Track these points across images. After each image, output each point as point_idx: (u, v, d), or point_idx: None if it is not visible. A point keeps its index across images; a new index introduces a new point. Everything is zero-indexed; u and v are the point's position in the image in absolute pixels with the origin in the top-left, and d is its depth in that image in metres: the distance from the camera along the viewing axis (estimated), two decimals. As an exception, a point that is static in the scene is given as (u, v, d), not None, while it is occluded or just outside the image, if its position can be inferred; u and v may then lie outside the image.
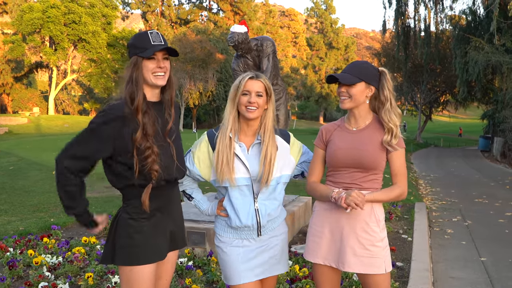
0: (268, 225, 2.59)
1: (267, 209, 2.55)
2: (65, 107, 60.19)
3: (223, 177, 2.49)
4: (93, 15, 46.21)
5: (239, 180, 2.51)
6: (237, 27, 5.74)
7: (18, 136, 31.39)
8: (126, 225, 2.34)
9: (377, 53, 42.08)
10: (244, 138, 2.58)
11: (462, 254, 6.02)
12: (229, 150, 2.49)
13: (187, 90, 44.08)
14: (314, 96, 71.44)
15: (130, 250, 2.32)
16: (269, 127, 2.56)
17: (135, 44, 2.31)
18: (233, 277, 2.56)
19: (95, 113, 55.48)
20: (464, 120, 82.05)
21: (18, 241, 5.58)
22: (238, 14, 65.64)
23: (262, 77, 2.55)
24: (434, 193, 11.71)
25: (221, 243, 2.62)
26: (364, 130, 2.57)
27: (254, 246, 2.58)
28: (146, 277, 2.33)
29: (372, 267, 2.50)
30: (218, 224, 2.66)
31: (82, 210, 2.38)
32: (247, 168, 2.51)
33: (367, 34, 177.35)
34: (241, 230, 2.56)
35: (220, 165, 2.49)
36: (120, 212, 2.40)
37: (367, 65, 2.54)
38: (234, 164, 2.50)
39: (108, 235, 2.43)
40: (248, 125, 2.56)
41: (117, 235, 2.35)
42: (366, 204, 2.52)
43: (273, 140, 2.56)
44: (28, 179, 12.12)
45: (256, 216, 2.53)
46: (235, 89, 2.52)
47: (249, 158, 2.54)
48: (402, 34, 31.52)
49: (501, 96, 23.46)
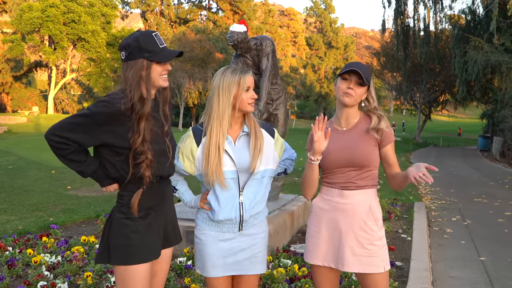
0: (250, 220, 2.58)
1: (251, 203, 2.54)
2: (65, 106, 60.14)
3: (211, 175, 2.47)
4: (92, 14, 46.17)
5: (225, 173, 2.50)
6: (237, 26, 5.74)
7: (17, 135, 31.38)
8: (121, 225, 2.34)
9: (376, 53, 42.12)
10: (230, 130, 2.57)
11: (461, 254, 6.02)
12: (219, 148, 2.48)
13: (187, 90, 44.08)
14: (314, 96, 71.38)
15: (125, 250, 2.33)
16: (252, 116, 2.60)
17: (141, 46, 2.29)
18: (209, 269, 2.57)
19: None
20: (463, 120, 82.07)
21: (17, 240, 5.58)
22: (238, 14, 65.61)
23: (250, 70, 2.58)
24: (433, 192, 11.72)
25: (201, 235, 2.61)
26: (354, 129, 2.59)
27: (235, 242, 2.57)
28: (141, 276, 2.34)
29: (371, 266, 2.50)
30: (200, 216, 2.65)
31: (91, 171, 2.39)
32: (233, 161, 2.51)
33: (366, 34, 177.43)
34: (223, 223, 2.55)
35: (210, 163, 2.47)
36: (114, 211, 2.40)
37: (368, 68, 2.57)
38: (223, 160, 2.50)
39: (102, 234, 2.43)
40: (237, 117, 2.56)
41: (112, 234, 2.35)
42: (365, 203, 2.54)
43: (259, 129, 2.59)
44: (27, 178, 12.12)
45: (240, 210, 2.52)
46: (235, 85, 2.48)
47: (236, 150, 2.54)
48: (402, 33, 31.59)
49: (500, 96, 23.47)
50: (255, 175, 2.55)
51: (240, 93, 2.48)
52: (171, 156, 2.48)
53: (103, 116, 2.24)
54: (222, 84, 2.49)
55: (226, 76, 2.50)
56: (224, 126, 2.49)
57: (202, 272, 2.61)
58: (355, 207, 2.53)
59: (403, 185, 2.54)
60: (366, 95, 2.58)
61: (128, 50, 2.32)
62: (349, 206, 2.53)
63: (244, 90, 2.49)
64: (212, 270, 2.57)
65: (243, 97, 2.49)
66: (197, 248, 2.64)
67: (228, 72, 2.51)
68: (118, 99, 2.27)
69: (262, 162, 2.55)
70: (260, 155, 2.53)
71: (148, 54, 2.29)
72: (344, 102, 2.54)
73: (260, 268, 2.63)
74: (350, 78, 2.51)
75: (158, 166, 2.37)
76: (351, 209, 2.53)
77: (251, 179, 2.54)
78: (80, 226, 6.79)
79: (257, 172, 2.54)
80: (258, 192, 2.58)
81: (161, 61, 2.31)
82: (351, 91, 2.50)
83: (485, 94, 28.29)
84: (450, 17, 30.34)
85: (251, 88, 2.52)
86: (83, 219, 7.17)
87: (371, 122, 2.57)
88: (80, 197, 9.32)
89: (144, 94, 2.29)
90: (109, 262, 2.36)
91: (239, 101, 2.49)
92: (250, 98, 2.50)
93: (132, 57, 2.31)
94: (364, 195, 2.54)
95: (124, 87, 2.31)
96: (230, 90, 2.48)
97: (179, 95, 43.92)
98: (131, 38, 2.34)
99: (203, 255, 2.59)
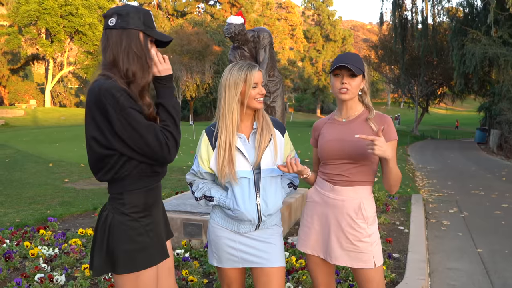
0: (267, 220, 2.56)
1: (268, 203, 2.51)
2: (62, 100, 60.05)
3: (224, 174, 2.45)
4: (89, 7, 45.99)
5: (239, 173, 2.47)
6: (234, 18, 5.72)
7: (15, 129, 31.34)
8: (124, 228, 2.07)
9: (374, 46, 42.07)
10: (243, 127, 2.55)
11: (458, 246, 6.04)
12: (230, 146, 2.45)
13: (184, 83, 43.99)
14: (311, 89, 71.36)
15: (135, 255, 2.08)
16: (262, 112, 2.57)
17: (139, 17, 2.07)
18: (223, 259, 2.58)
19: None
20: (461, 113, 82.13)
21: (15, 232, 5.57)
22: (235, 6, 65.47)
23: (258, 66, 2.54)
24: (430, 185, 11.74)
25: (217, 229, 2.60)
26: (354, 121, 2.57)
27: (250, 235, 2.55)
28: (154, 279, 2.16)
29: (359, 261, 2.50)
30: (216, 211, 2.62)
31: None
32: (247, 160, 2.48)
33: (364, 27, 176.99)
34: (241, 222, 2.52)
35: (221, 162, 2.45)
36: (110, 213, 2.11)
37: (360, 58, 2.55)
38: (235, 158, 2.46)
39: (97, 243, 2.13)
40: (247, 113, 2.54)
41: (114, 240, 2.07)
42: (355, 200, 2.52)
43: (268, 126, 2.55)
44: (25, 171, 12.10)
45: (258, 211, 2.49)
46: (241, 82, 2.45)
47: (249, 148, 2.52)
48: (399, 26, 31.57)
49: (498, 89, 23.47)
50: (267, 173, 2.51)
51: (247, 90, 2.44)
52: None
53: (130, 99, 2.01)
54: (229, 81, 2.47)
55: (233, 73, 2.47)
56: (233, 124, 2.46)
57: (218, 263, 2.61)
58: (344, 204, 2.52)
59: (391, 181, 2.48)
60: (363, 84, 2.56)
61: (121, 16, 2.05)
62: (339, 202, 2.53)
63: (251, 87, 2.45)
64: (227, 261, 2.57)
65: (251, 93, 2.45)
66: (210, 239, 2.64)
67: (235, 69, 2.47)
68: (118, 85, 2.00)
69: (271, 159, 2.52)
70: (269, 152, 2.51)
71: (145, 27, 2.08)
72: (342, 99, 2.52)
73: (276, 261, 2.55)
74: (341, 72, 2.49)
75: None
76: (340, 205, 2.52)
77: (264, 177, 2.50)
78: (77, 218, 6.79)
79: (265, 170, 2.50)
80: (275, 192, 2.55)
81: (161, 39, 2.13)
82: (346, 85, 2.47)
83: (482, 87, 28.29)
84: (448, 9, 30.31)
85: (259, 84, 2.48)
86: (81, 212, 7.17)
87: (369, 114, 2.57)
88: (78, 190, 9.31)
89: (149, 64, 2.09)
90: (115, 272, 2.09)
91: (247, 98, 2.45)
92: (258, 94, 2.46)
93: (125, 24, 2.05)
94: (355, 192, 2.52)
95: (104, 72, 2.05)
96: (237, 87, 2.44)
97: (177, 88, 43.81)
98: (125, 6, 2.09)
99: (218, 247, 2.59)
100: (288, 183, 2.68)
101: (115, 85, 1.96)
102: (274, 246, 2.57)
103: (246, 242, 2.55)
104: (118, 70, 2.04)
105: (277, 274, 2.55)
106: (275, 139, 2.56)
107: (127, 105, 1.96)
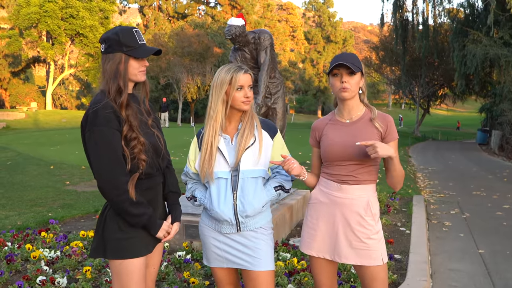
0: (249, 223, 2.54)
1: (245, 204, 2.50)
2: (63, 102, 60.03)
3: (203, 173, 2.53)
4: (90, 10, 45.96)
5: (217, 173, 2.51)
6: (234, 20, 5.72)
7: (16, 131, 31.33)
8: (116, 218, 2.35)
9: (375, 47, 41.99)
10: (230, 129, 2.58)
11: (460, 247, 6.03)
12: (212, 146, 2.50)
13: (185, 84, 43.94)
14: (312, 90, 71.33)
15: (120, 244, 2.34)
16: (249, 113, 2.58)
17: (120, 40, 2.33)
18: (211, 260, 2.65)
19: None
20: (462, 114, 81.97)
21: (16, 235, 5.58)
22: (236, 8, 65.44)
23: (249, 70, 2.56)
24: (432, 186, 11.73)
25: (204, 228, 2.68)
26: (358, 122, 2.57)
27: (235, 237, 2.57)
28: (137, 269, 2.36)
29: (369, 259, 2.51)
30: (205, 211, 2.71)
31: None
32: (227, 161, 2.51)
33: (365, 28, 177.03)
34: (221, 222, 2.55)
35: (202, 161, 2.53)
36: (109, 205, 2.39)
37: (357, 56, 2.56)
38: (216, 158, 2.50)
39: (97, 228, 2.45)
40: (235, 115, 2.57)
41: (107, 228, 2.37)
42: (363, 198, 2.54)
43: (252, 127, 2.56)
44: (26, 173, 12.10)
45: (234, 211, 2.50)
46: (226, 83, 2.48)
47: (231, 149, 2.54)
48: (400, 27, 31.54)
49: (499, 89, 23.44)
50: (244, 175, 2.51)
51: (232, 91, 2.47)
52: (163, 147, 2.49)
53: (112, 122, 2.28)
54: (215, 82, 2.51)
55: (220, 74, 2.51)
56: (216, 124, 2.50)
57: (207, 262, 2.68)
58: (353, 202, 2.53)
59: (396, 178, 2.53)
60: (362, 82, 2.56)
61: (107, 43, 2.35)
62: (348, 200, 2.53)
63: (235, 88, 2.46)
64: (214, 261, 2.63)
65: (235, 95, 2.48)
66: (201, 239, 2.71)
67: (223, 70, 2.51)
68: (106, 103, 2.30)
69: (253, 161, 2.52)
70: (251, 153, 2.51)
71: (126, 49, 2.33)
72: (343, 97, 2.52)
73: (262, 265, 2.53)
74: (340, 71, 2.50)
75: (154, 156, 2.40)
76: (349, 203, 2.53)
77: (242, 178, 2.51)
78: (79, 221, 6.79)
79: (245, 171, 2.50)
80: (254, 193, 2.52)
81: (138, 56, 2.35)
82: (345, 84, 2.48)
83: (483, 87, 28.24)
84: (449, 10, 30.30)
85: (245, 86, 2.49)
86: (82, 214, 7.17)
87: (371, 114, 2.57)
88: (79, 192, 9.31)
89: (121, 86, 2.33)
90: (104, 256, 2.38)
91: (230, 99, 2.48)
92: (243, 97, 2.48)
93: (110, 50, 2.34)
94: (362, 190, 2.54)
95: (104, 88, 2.35)
96: (222, 87, 2.48)
97: (178, 90, 43.81)
98: (112, 32, 2.38)
99: (205, 247, 2.67)
100: (276, 186, 2.61)
101: (105, 103, 2.27)
102: (259, 250, 2.55)
103: (229, 243, 2.58)
104: (108, 87, 2.34)
105: (265, 279, 2.54)
106: (260, 140, 2.55)
107: (100, 123, 2.24)
